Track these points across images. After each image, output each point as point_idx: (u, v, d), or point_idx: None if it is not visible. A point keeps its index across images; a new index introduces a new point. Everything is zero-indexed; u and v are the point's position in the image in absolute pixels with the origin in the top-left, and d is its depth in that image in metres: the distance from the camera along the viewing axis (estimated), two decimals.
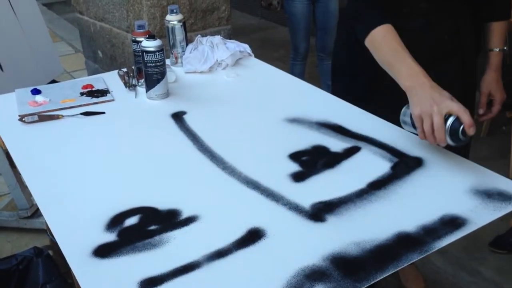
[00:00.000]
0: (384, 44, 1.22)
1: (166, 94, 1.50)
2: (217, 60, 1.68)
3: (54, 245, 1.67)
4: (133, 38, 1.55)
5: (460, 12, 1.39)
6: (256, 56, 1.76)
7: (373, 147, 1.19)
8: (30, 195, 2.28)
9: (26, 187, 2.25)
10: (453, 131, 1.04)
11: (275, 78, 1.62)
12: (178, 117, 1.38)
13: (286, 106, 1.41)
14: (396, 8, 1.32)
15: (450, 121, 1.03)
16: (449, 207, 0.98)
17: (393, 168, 1.12)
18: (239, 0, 5.39)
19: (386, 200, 1.01)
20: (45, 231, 2.02)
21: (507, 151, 2.31)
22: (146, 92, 1.50)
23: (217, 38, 1.69)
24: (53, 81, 2.65)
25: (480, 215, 0.95)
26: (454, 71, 1.42)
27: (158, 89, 1.48)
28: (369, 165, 1.13)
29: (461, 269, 1.94)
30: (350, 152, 1.18)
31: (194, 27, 2.74)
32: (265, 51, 4.24)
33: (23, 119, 1.38)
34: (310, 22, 3.17)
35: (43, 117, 1.39)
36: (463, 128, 1.03)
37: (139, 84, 1.56)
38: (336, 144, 1.21)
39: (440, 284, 1.89)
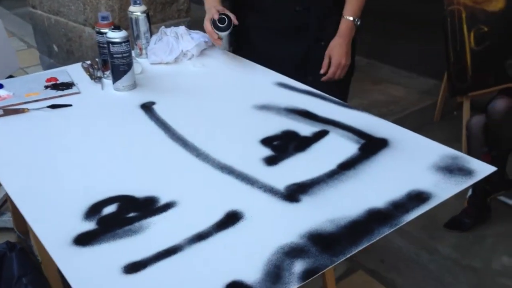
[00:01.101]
0: None
1: (134, 86, 1.50)
2: (182, 51, 1.68)
3: (22, 241, 1.65)
4: (97, 30, 1.54)
5: None
6: None
7: (341, 130, 1.24)
8: None
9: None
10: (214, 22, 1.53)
11: (240, 67, 1.65)
12: (147, 107, 1.39)
13: (253, 94, 1.44)
14: None
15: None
16: (415, 183, 1.04)
17: (360, 149, 1.17)
18: None
19: (356, 179, 1.06)
20: (10, 229, 1.98)
21: (460, 134, 2.43)
22: (113, 83, 1.49)
23: (182, 29, 1.70)
24: (10, 76, 2.58)
25: (443, 189, 1.01)
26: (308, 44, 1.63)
27: (125, 80, 1.48)
28: (338, 147, 1.17)
29: (421, 248, 2.04)
30: (319, 135, 1.23)
31: (153, 20, 2.72)
32: None
33: None
34: None
35: (8, 111, 1.37)
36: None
37: (105, 76, 1.55)
38: (305, 128, 1.25)
39: (402, 262, 1.98)
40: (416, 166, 1.10)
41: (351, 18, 1.60)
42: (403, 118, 2.99)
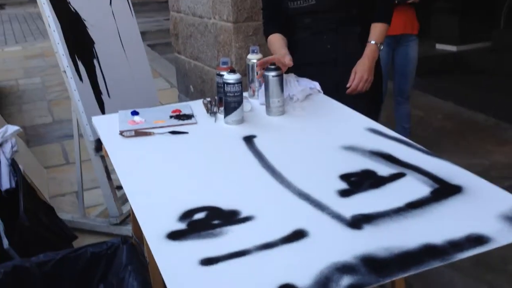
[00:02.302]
0: (273, 44, 2.04)
1: (241, 121, 1.73)
2: (289, 95, 1.89)
3: (137, 245, 1.92)
4: (218, 72, 1.81)
5: (340, 25, 1.97)
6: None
7: (418, 174, 1.32)
8: (121, 204, 2.59)
9: (118, 198, 2.57)
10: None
11: (337, 112, 1.80)
12: (249, 139, 1.60)
13: (344, 136, 1.58)
14: (290, 24, 2.02)
15: None
16: (477, 227, 1.09)
17: (432, 192, 1.24)
18: None
19: (420, 217, 1.14)
20: (130, 237, 2.30)
21: None
22: (224, 117, 1.73)
23: (291, 76, 1.91)
24: None
25: (504, 236, 1.05)
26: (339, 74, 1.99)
27: (234, 115, 1.71)
28: (411, 189, 1.26)
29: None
30: (395, 176, 1.32)
31: None
32: None
33: (123, 134, 1.67)
34: (388, 67, 3.30)
35: (139, 133, 1.67)
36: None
37: (219, 111, 1.81)
38: (384, 169, 1.36)
39: None
40: (483, 212, 1.14)
41: (374, 42, 1.96)
42: None
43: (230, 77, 1.68)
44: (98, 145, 2.30)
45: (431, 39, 5.22)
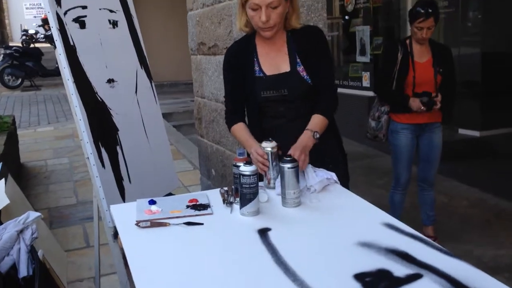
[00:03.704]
0: (239, 133, 2.14)
1: (257, 212, 1.73)
2: (306, 185, 1.89)
3: None
4: (234, 163, 1.84)
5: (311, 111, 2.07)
6: (360, 183, 1.96)
7: (435, 276, 1.28)
8: None
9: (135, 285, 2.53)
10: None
11: (356, 204, 1.78)
12: (263, 232, 1.59)
13: (359, 231, 1.56)
14: (260, 111, 2.12)
15: None
16: None
17: None
18: (347, 128, 5.70)
19: None
20: None
21: None
22: (240, 209, 1.74)
23: (308, 167, 1.92)
24: (169, 194, 3.03)
25: None
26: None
27: (250, 207, 1.71)
28: None
29: None
30: (412, 278, 1.28)
31: None
32: (369, 178, 4.39)
33: (139, 224, 1.68)
34: (413, 154, 3.28)
35: (154, 224, 1.68)
36: None
37: (235, 201, 1.81)
38: (400, 269, 1.32)
39: None
40: None
41: (310, 130, 2.00)
42: None
43: (246, 169, 1.70)
44: (117, 232, 2.31)
45: (453, 124, 5.24)
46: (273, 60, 2.12)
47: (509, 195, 3.87)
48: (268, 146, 1.91)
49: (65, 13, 2.38)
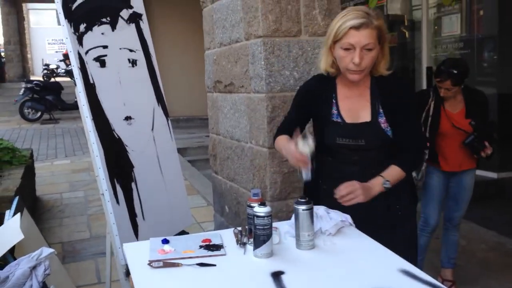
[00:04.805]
0: (280, 141, 2.05)
1: (270, 254, 1.71)
2: (320, 229, 1.87)
3: None
4: (248, 204, 1.83)
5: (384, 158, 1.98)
6: None
7: None
8: None
9: None
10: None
11: (371, 248, 1.75)
12: (277, 276, 1.57)
13: (375, 277, 1.52)
14: (335, 157, 2.01)
15: None
16: None
17: None
18: None
19: None
20: None
21: None
22: (253, 250, 1.72)
23: (321, 210, 1.91)
24: (183, 231, 3.02)
25: None
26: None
27: (263, 248, 1.70)
28: None
29: None
30: None
31: None
32: None
33: (151, 264, 1.67)
34: (443, 196, 3.24)
35: (167, 264, 1.67)
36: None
37: (249, 242, 1.80)
38: None
39: None
40: None
41: (382, 177, 1.93)
42: None
43: (260, 210, 1.69)
44: (129, 270, 2.30)
45: None
46: (353, 106, 2.00)
47: None
48: (306, 149, 1.83)
49: (86, 52, 2.44)
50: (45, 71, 15.65)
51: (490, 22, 5.48)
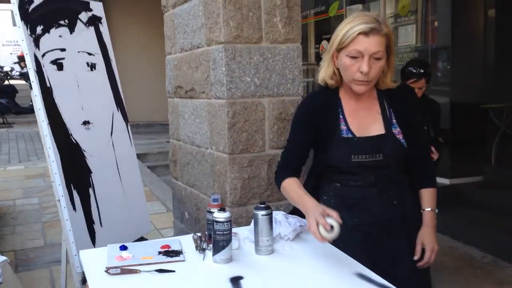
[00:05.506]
0: (291, 188, 1.87)
1: (230, 260, 1.72)
2: (279, 234, 1.89)
3: None
4: (208, 209, 1.83)
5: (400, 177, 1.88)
6: None
7: None
8: None
9: None
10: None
11: (327, 252, 1.79)
12: (235, 281, 1.57)
13: (332, 281, 1.56)
14: (348, 181, 1.85)
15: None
16: None
17: None
18: None
19: None
20: None
21: None
22: (213, 255, 1.72)
23: (280, 214, 1.93)
24: (142, 238, 2.99)
25: None
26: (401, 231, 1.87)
27: (222, 254, 1.70)
28: None
29: None
30: None
31: (270, 198, 3.04)
32: None
33: (109, 271, 1.64)
34: None
35: (124, 271, 1.65)
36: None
37: (208, 248, 1.80)
38: None
39: None
40: None
41: (431, 209, 1.87)
42: None
43: (219, 216, 1.70)
44: (85, 278, 2.25)
45: None
46: (362, 120, 1.83)
47: (478, 243, 3.93)
48: (330, 236, 1.62)
49: (43, 55, 2.39)
50: None
51: (444, 33, 5.68)
